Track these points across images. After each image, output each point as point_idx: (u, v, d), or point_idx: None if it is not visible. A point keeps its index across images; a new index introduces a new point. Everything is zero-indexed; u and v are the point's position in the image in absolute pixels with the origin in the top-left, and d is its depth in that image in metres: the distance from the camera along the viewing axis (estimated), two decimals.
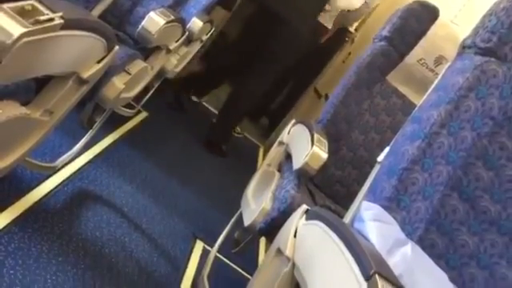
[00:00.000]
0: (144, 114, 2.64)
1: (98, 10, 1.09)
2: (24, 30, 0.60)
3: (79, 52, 0.87)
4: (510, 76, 0.89)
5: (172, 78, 2.34)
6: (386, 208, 0.84)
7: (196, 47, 2.48)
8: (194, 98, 3.32)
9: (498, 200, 0.92)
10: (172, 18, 1.48)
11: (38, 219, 1.33)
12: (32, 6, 0.66)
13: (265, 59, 2.88)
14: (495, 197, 0.92)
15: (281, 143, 1.66)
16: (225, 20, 3.23)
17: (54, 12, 0.67)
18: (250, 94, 2.94)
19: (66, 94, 0.95)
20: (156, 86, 2.53)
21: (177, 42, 1.79)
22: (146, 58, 1.67)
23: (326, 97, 3.01)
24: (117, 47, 1.03)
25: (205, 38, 2.46)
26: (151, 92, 2.50)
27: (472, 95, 0.87)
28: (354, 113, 1.70)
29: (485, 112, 0.89)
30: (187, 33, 1.93)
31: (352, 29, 3.58)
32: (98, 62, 1.00)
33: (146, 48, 1.62)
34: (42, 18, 0.64)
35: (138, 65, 1.52)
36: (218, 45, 3.37)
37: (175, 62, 2.13)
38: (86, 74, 0.94)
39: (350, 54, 3.43)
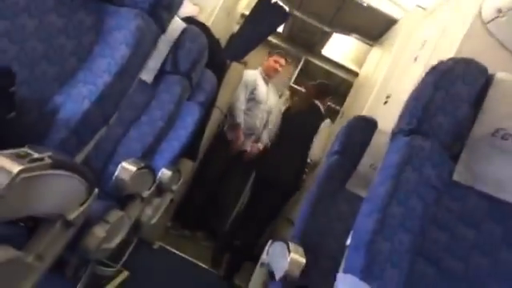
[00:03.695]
0: (125, 274, 2.65)
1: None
2: (21, 167, 0.73)
3: (65, 193, 0.98)
4: (435, 148, 1.05)
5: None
6: (361, 279, 0.92)
7: (168, 198, 2.62)
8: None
9: (460, 257, 1.02)
10: (142, 164, 1.63)
11: None
12: (25, 151, 0.79)
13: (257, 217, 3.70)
14: (456, 255, 1.02)
15: (262, 264, 1.72)
16: (192, 170, 3.49)
17: (42, 154, 0.80)
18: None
19: (55, 238, 1.03)
20: (134, 242, 2.60)
21: (149, 190, 1.92)
22: (122, 209, 1.77)
23: None
24: (96, 190, 1.14)
25: (175, 187, 2.60)
26: (130, 249, 2.56)
27: (409, 168, 1.02)
28: (324, 223, 1.81)
29: (424, 181, 1.02)
30: (158, 181, 2.07)
31: None
32: (81, 204, 1.10)
33: (121, 199, 1.73)
34: (34, 157, 0.77)
35: (116, 214, 1.62)
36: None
37: (150, 213, 2.24)
38: (71, 217, 1.04)
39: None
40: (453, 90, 1.06)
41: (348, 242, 1.06)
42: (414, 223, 1.00)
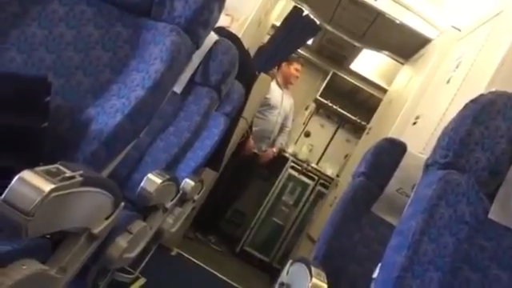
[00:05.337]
0: (143, 280, 2.65)
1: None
2: (52, 186, 0.72)
3: (92, 208, 0.97)
4: (471, 184, 1.01)
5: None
6: None
7: (189, 207, 2.61)
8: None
9: None
10: (167, 177, 1.62)
11: None
12: (57, 168, 0.78)
13: None
14: None
15: (282, 284, 1.69)
16: (214, 180, 3.49)
17: (74, 171, 0.80)
18: None
19: (79, 251, 1.03)
20: (153, 249, 2.60)
21: (172, 200, 1.92)
22: (144, 219, 1.77)
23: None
24: (122, 204, 1.14)
25: (196, 197, 2.60)
26: (149, 256, 2.56)
27: (442, 203, 0.98)
28: (347, 246, 1.77)
29: (458, 218, 0.99)
30: (181, 192, 2.07)
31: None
32: (106, 218, 1.10)
33: (144, 209, 1.73)
34: (65, 175, 0.76)
35: (139, 224, 1.62)
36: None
37: (171, 221, 2.23)
38: (96, 230, 1.04)
39: (335, 198, 3.60)
40: (493, 125, 1.02)
41: (375, 275, 1.04)
42: (445, 261, 0.96)
